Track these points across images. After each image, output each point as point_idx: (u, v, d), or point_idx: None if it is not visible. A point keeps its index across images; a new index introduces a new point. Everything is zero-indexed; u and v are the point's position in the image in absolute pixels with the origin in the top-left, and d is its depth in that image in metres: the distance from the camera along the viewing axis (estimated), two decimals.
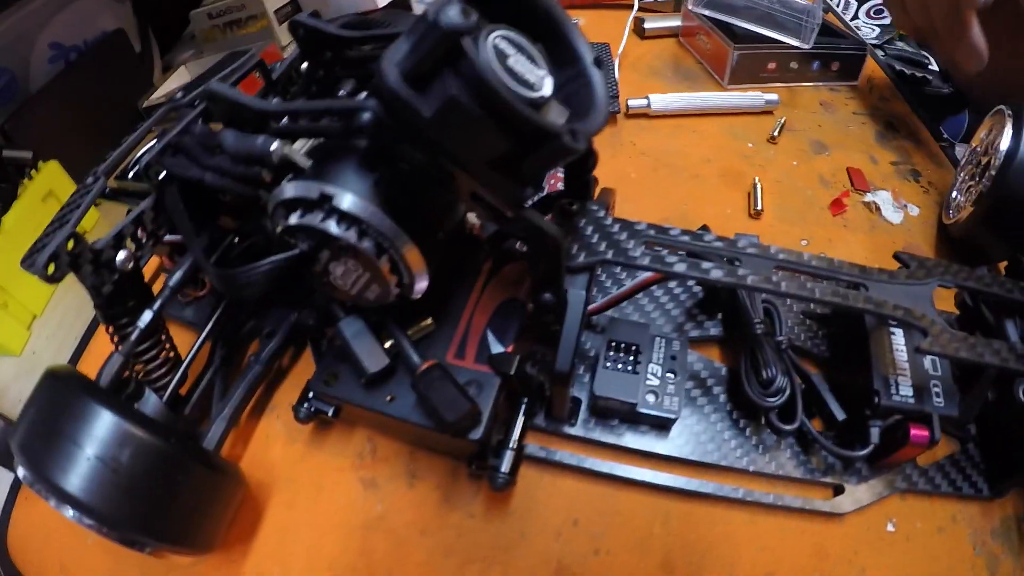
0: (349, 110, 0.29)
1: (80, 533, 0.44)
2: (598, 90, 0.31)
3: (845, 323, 0.44)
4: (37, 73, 0.67)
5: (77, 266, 0.35)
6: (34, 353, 0.59)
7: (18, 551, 0.45)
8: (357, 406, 0.38)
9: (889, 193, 0.59)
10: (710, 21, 0.68)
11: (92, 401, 0.34)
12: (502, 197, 0.30)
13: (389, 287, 0.33)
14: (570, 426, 0.41)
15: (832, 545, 0.40)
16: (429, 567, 0.40)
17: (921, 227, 0.57)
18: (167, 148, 0.37)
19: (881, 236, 0.56)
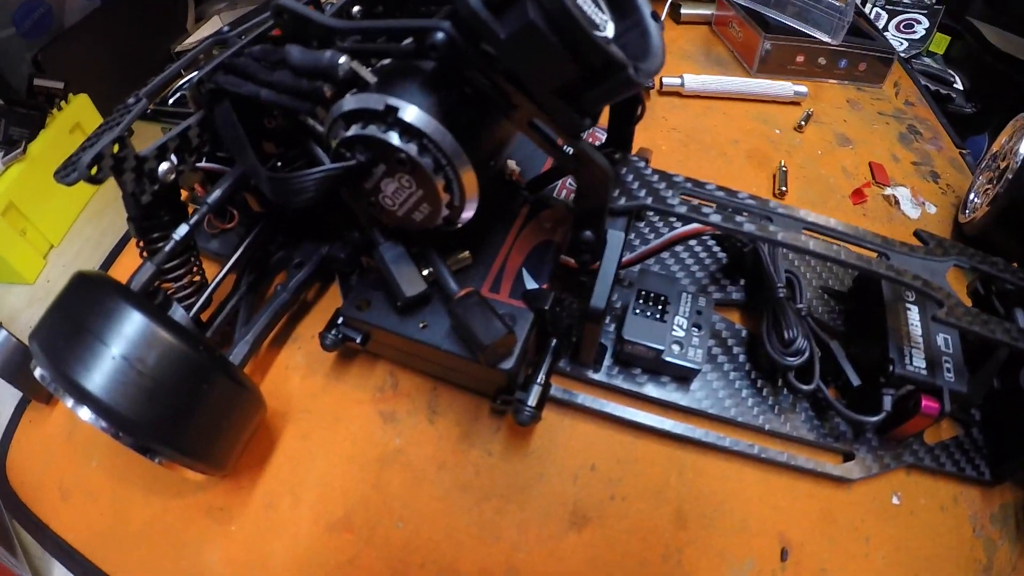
0: (423, 29, 0.31)
1: (83, 457, 0.46)
2: (655, 38, 0.34)
3: (863, 297, 0.46)
4: (72, 8, 0.69)
5: (120, 170, 0.36)
6: (48, 282, 0.61)
7: (16, 474, 0.47)
8: (389, 332, 0.39)
9: (908, 190, 0.62)
10: (744, 10, 0.72)
11: (123, 301, 0.34)
12: (562, 124, 0.32)
13: (440, 207, 0.35)
14: (594, 372, 0.44)
15: (840, 511, 0.42)
16: (445, 502, 0.41)
17: (937, 225, 0.60)
18: (219, 67, 0.39)
19: (898, 228, 0.59)
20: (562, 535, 0.40)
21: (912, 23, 0.88)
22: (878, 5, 0.86)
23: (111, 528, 0.43)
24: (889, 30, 0.88)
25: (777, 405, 0.44)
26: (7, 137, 0.60)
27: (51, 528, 0.43)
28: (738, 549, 0.40)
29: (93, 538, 0.43)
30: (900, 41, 0.89)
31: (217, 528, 0.42)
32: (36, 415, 0.49)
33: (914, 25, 0.88)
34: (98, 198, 0.67)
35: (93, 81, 0.67)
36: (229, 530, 0.42)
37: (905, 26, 0.89)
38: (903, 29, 0.89)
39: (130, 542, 0.42)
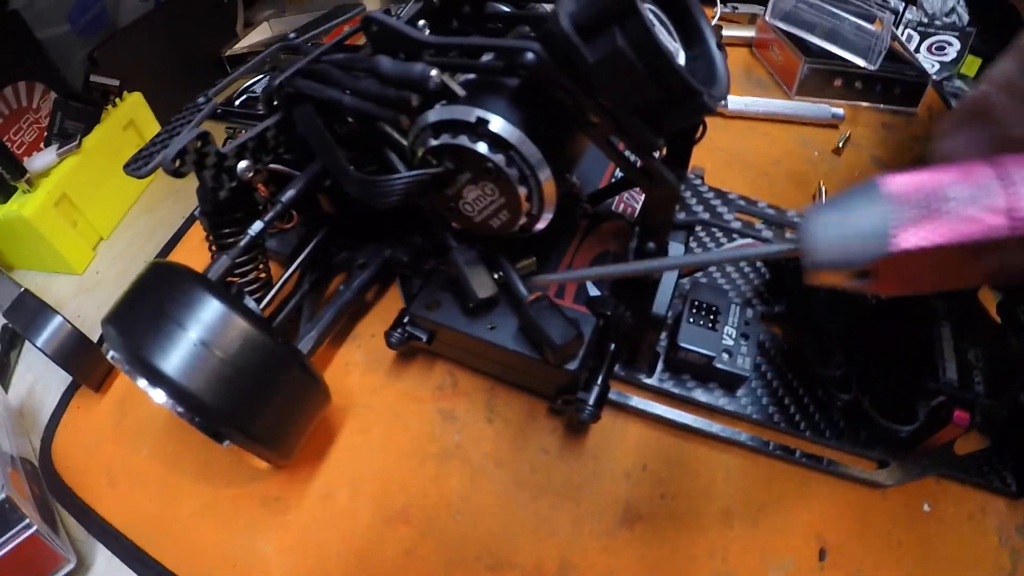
0: (515, 49, 0.34)
1: (132, 444, 0.49)
2: (720, 67, 0.38)
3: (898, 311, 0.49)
4: (127, 9, 0.72)
5: (202, 165, 0.39)
6: (97, 273, 0.63)
7: (62, 459, 0.49)
8: (457, 332, 0.43)
9: None
10: (784, 34, 0.75)
11: (203, 289, 0.37)
12: (637, 143, 0.35)
13: (519, 215, 0.38)
14: (647, 376, 0.47)
15: (874, 516, 0.45)
16: (502, 497, 0.44)
17: None
18: (299, 71, 0.42)
19: None
20: (614, 531, 0.43)
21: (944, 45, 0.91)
22: (910, 27, 0.90)
23: (160, 515, 0.45)
24: (921, 52, 0.92)
25: (817, 413, 0.47)
26: (62, 130, 0.64)
27: (97, 512, 0.46)
28: (779, 549, 0.43)
29: (140, 523, 0.45)
30: (932, 63, 0.92)
31: (272, 518, 0.45)
32: (84, 401, 0.52)
33: (946, 47, 0.91)
34: (148, 195, 0.70)
35: (146, 80, 0.70)
36: (285, 520, 0.44)
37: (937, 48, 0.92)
38: (935, 51, 0.92)
39: (179, 529, 0.45)
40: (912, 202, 0.19)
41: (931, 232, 0.18)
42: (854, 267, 0.20)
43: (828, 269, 0.20)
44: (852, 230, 0.20)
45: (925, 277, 0.20)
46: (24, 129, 0.65)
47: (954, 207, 0.18)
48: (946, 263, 0.19)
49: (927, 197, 0.19)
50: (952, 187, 0.19)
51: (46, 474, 0.48)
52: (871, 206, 0.19)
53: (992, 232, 0.18)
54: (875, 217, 0.19)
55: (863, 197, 0.20)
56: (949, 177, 0.19)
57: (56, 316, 0.49)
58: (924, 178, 0.19)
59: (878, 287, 0.20)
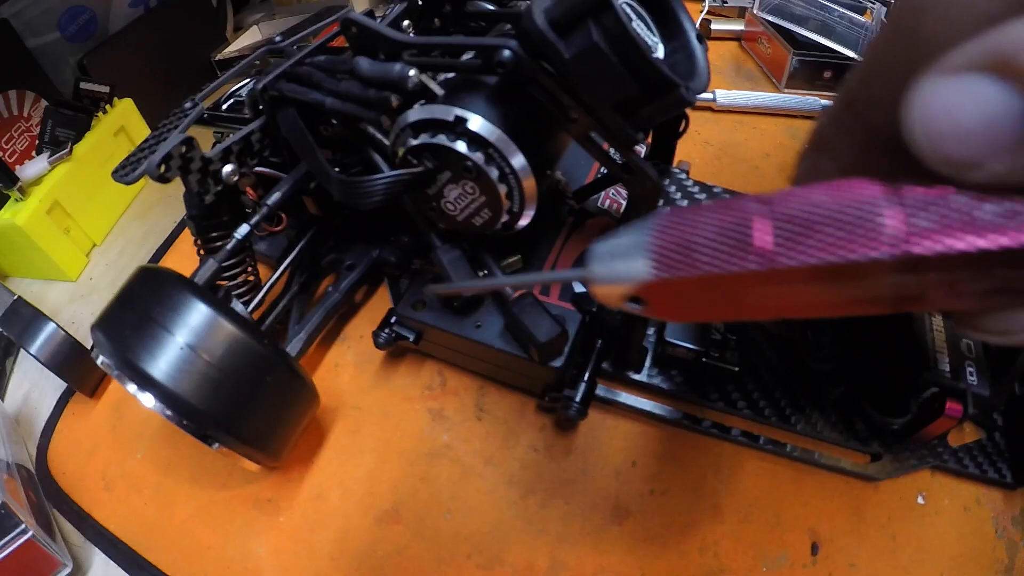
0: (492, 47, 0.34)
1: (127, 449, 0.49)
2: (700, 59, 0.38)
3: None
4: (117, 15, 0.72)
5: (187, 170, 0.40)
6: (91, 279, 0.64)
7: (58, 464, 0.50)
8: (444, 331, 0.43)
9: None
10: (772, 27, 0.75)
11: (189, 293, 0.37)
12: (618, 138, 0.35)
13: (500, 213, 0.38)
14: (635, 372, 0.47)
15: (867, 509, 0.45)
16: (492, 495, 0.44)
17: None
18: (283, 74, 0.43)
19: None
20: (604, 528, 0.43)
21: None
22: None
23: (155, 518, 0.46)
24: None
25: (809, 406, 0.47)
26: (53, 138, 0.64)
27: (93, 517, 0.46)
28: (771, 543, 0.43)
29: (137, 527, 0.45)
30: None
31: (265, 519, 0.45)
32: (79, 407, 0.53)
33: None
34: (140, 201, 0.70)
35: (136, 86, 0.70)
36: (277, 521, 0.45)
37: None
38: None
39: (175, 532, 0.45)
40: (673, 247, 0.19)
41: (687, 269, 0.18)
42: (622, 293, 0.20)
43: (605, 293, 0.21)
44: (619, 257, 0.20)
45: (690, 308, 0.20)
46: (15, 137, 0.65)
47: (704, 244, 0.18)
48: (704, 297, 0.19)
49: (686, 244, 0.18)
50: (710, 222, 0.18)
51: (42, 480, 0.49)
52: (639, 236, 0.19)
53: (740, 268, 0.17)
54: (638, 247, 0.19)
55: (635, 229, 0.20)
56: (711, 221, 0.18)
57: (49, 323, 0.50)
58: (681, 219, 0.19)
59: (652, 313, 0.20)
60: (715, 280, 0.18)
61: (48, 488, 0.48)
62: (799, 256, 0.16)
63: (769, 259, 0.17)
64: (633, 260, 0.19)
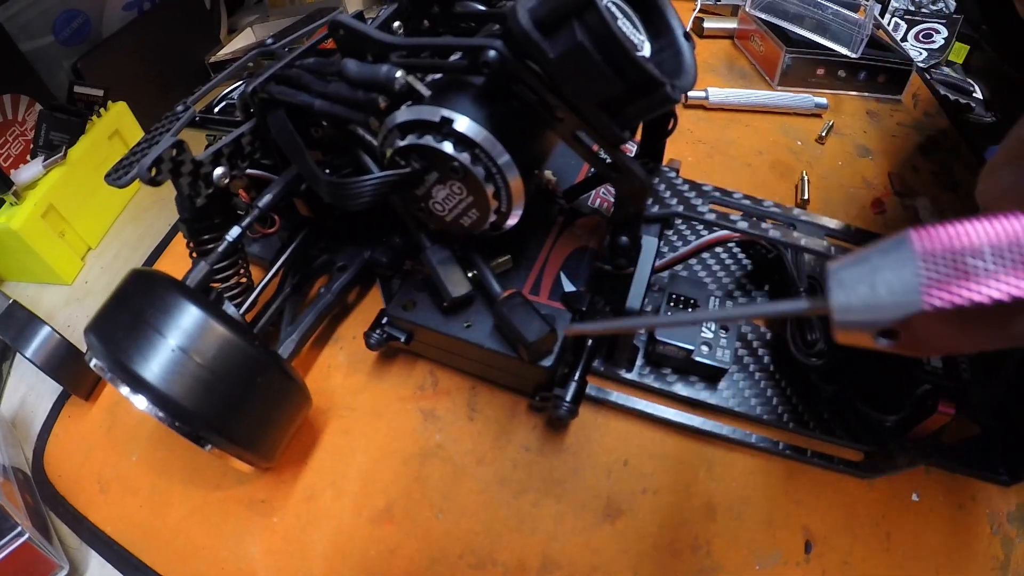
0: (477, 47, 0.34)
1: (122, 451, 0.49)
2: (687, 57, 0.38)
3: None
4: (111, 18, 0.73)
5: (178, 173, 0.40)
6: (86, 283, 0.64)
7: (54, 467, 0.50)
8: (434, 331, 0.43)
9: (928, 199, 0.65)
10: (765, 24, 0.76)
11: (180, 296, 0.37)
12: (604, 137, 0.35)
13: (488, 213, 0.39)
14: (626, 371, 0.47)
15: (861, 506, 0.46)
16: (484, 495, 0.45)
17: None
18: (272, 77, 0.43)
19: None
20: (596, 527, 0.43)
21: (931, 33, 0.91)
22: (897, 15, 0.90)
23: (150, 520, 0.46)
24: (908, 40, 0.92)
25: (801, 404, 0.47)
26: (48, 142, 0.64)
27: (89, 519, 0.46)
28: (764, 541, 0.43)
29: (132, 529, 0.46)
30: (919, 51, 0.92)
31: (258, 520, 0.45)
32: (75, 410, 0.53)
33: (933, 35, 0.91)
34: (134, 204, 0.70)
35: (130, 89, 0.71)
36: (271, 522, 0.45)
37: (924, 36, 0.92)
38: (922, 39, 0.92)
39: (169, 533, 0.45)
40: (943, 258, 0.17)
41: (961, 292, 0.17)
42: (879, 327, 0.18)
43: (853, 329, 0.19)
44: (880, 289, 0.18)
45: (954, 339, 0.19)
46: (10, 142, 0.66)
47: (986, 265, 0.17)
48: (977, 324, 0.18)
49: (958, 253, 0.17)
50: (986, 242, 0.17)
51: (39, 483, 0.49)
52: (900, 263, 0.18)
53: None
54: (904, 274, 0.18)
55: (892, 253, 0.18)
56: (983, 230, 0.17)
57: (44, 327, 0.50)
58: (956, 232, 0.18)
59: (903, 348, 0.19)
60: (999, 308, 0.17)
61: (44, 491, 0.48)
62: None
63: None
64: (901, 291, 0.18)
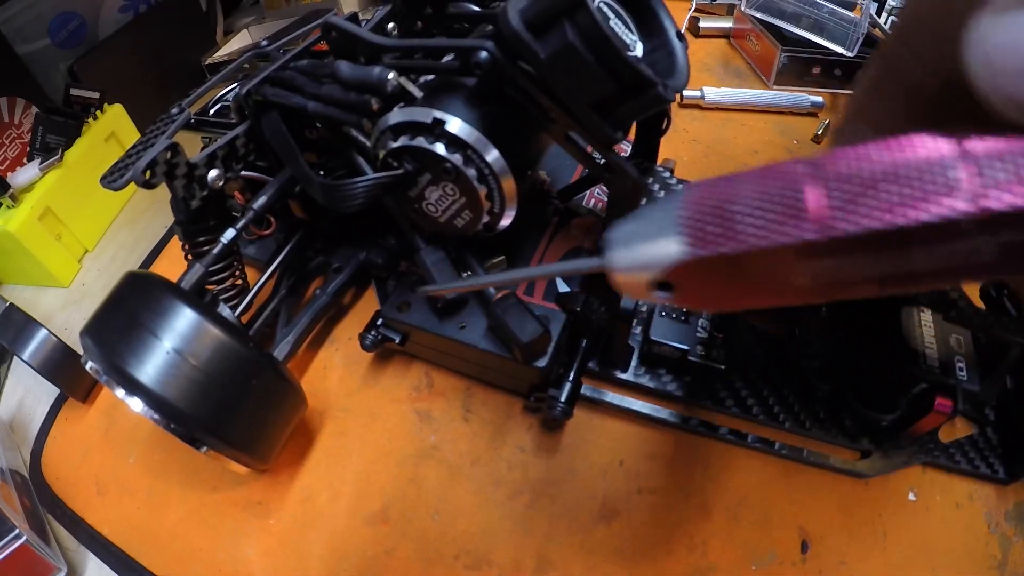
0: (468, 48, 0.35)
1: (119, 454, 0.50)
2: (680, 57, 0.38)
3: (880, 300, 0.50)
4: (107, 21, 0.74)
5: (172, 176, 0.41)
6: (83, 285, 0.65)
7: (52, 469, 0.51)
8: (429, 332, 0.44)
9: None
10: (760, 23, 0.76)
11: (175, 298, 0.38)
12: (596, 137, 0.36)
13: (481, 214, 0.39)
14: (622, 371, 0.47)
15: (857, 506, 0.46)
16: (480, 495, 0.45)
17: None
18: (266, 79, 0.43)
19: None
20: (592, 527, 0.44)
21: None
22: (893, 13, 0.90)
23: (147, 522, 0.47)
24: None
25: (797, 403, 0.47)
26: (44, 144, 0.65)
27: (86, 521, 0.47)
28: (760, 541, 0.44)
29: (129, 531, 0.46)
30: None
31: (255, 522, 0.46)
32: (72, 413, 0.54)
33: None
34: (131, 206, 0.71)
35: (127, 91, 0.71)
36: (267, 523, 0.45)
37: None
38: None
39: (167, 535, 0.46)
40: (702, 208, 0.17)
41: (727, 244, 0.17)
42: (649, 278, 0.19)
43: (630, 282, 0.19)
44: (645, 241, 0.18)
45: (735, 292, 0.19)
46: (7, 144, 0.66)
47: (752, 222, 0.16)
48: (743, 276, 0.17)
49: (724, 214, 0.17)
50: (754, 200, 0.17)
51: (36, 485, 0.49)
52: (666, 216, 0.18)
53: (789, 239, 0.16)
54: (668, 226, 0.18)
55: (661, 207, 0.19)
56: (752, 189, 0.17)
57: (41, 329, 0.51)
58: (719, 184, 0.18)
59: (683, 302, 0.19)
60: (761, 255, 0.16)
61: (42, 493, 0.49)
62: (862, 220, 0.15)
63: (827, 226, 0.15)
64: (663, 239, 0.18)
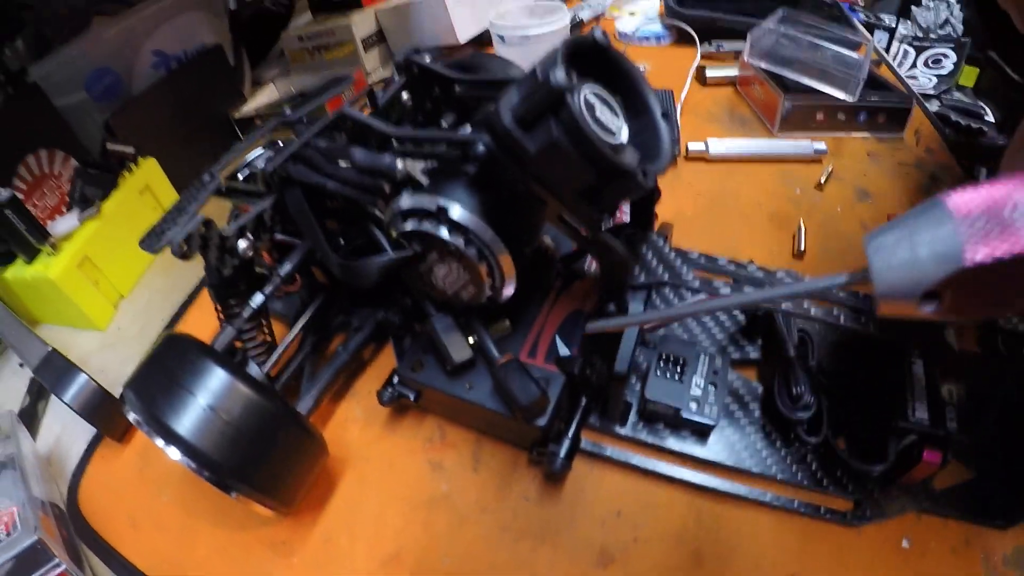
0: (466, 141, 0.39)
1: (153, 491, 0.55)
2: (664, 138, 0.41)
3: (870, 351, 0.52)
4: (140, 77, 0.79)
5: (206, 247, 0.45)
6: (119, 329, 0.70)
7: (88, 503, 0.55)
8: (439, 391, 0.47)
9: None
10: (764, 72, 0.79)
11: (209, 360, 0.43)
12: (584, 220, 0.39)
13: (483, 289, 0.43)
14: (620, 426, 0.51)
15: (850, 554, 0.48)
16: (487, 541, 0.49)
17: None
18: (290, 157, 0.47)
19: None
20: (589, 572, 0.47)
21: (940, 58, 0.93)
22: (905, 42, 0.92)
23: (178, 556, 0.51)
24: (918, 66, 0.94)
25: (790, 456, 0.50)
26: (82, 196, 0.70)
27: (121, 553, 0.51)
28: None
29: (161, 564, 0.51)
30: (929, 77, 0.94)
31: (279, 560, 0.50)
32: (108, 452, 0.58)
33: (942, 60, 0.93)
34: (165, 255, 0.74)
35: (159, 144, 0.76)
36: (291, 562, 0.49)
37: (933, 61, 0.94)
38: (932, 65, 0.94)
39: (196, 569, 0.50)
40: (982, 215, 0.18)
41: (1005, 242, 0.17)
42: (924, 288, 0.19)
43: (897, 295, 0.19)
44: (920, 250, 0.18)
45: (998, 297, 0.19)
46: (46, 194, 0.72)
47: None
48: (1019, 278, 0.18)
49: (996, 208, 0.18)
50: (1021, 196, 0.18)
51: (73, 518, 0.54)
52: (937, 222, 0.18)
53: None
54: (943, 233, 0.18)
55: (927, 214, 0.19)
56: (1015, 185, 0.18)
57: (81, 375, 0.55)
58: (991, 190, 0.18)
59: (947, 313, 0.19)
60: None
61: (78, 525, 0.53)
62: None
63: None
64: (941, 246, 0.18)
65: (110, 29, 0.76)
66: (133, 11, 0.77)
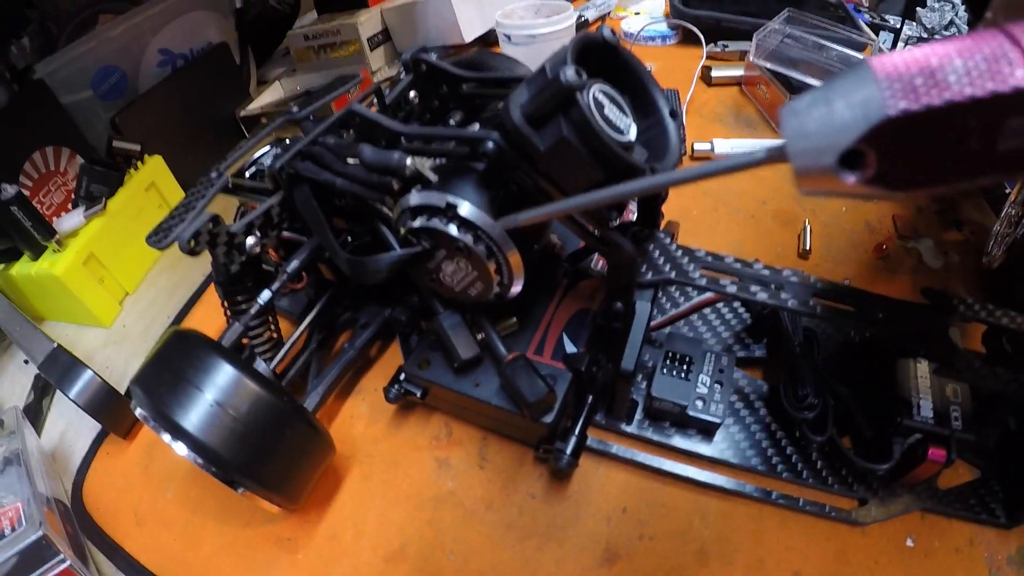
0: (476, 139, 0.39)
1: (158, 488, 0.55)
2: (672, 136, 0.42)
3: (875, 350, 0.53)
4: (146, 75, 0.80)
5: (214, 244, 0.46)
6: (124, 326, 0.71)
7: (92, 500, 0.56)
8: (446, 388, 0.48)
9: (932, 241, 0.68)
10: (769, 72, 0.80)
11: (217, 356, 0.43)
12: (592, 217, 0.40)
13: (492, 286, 0.44)
14: (626, 424, 0.52)
15: (854, 553, 0.49)
16: (492, 538, 0.49)
17: (962, 273, 0.66)
18: (298, 154, 0.48)
19: (921, 279, 0.65)
20: (595, 570, 0.48)
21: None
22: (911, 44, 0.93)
23: (183, 553, 0.52)
24: None
25: (795, 454, 0.51)
26: (88, 193, 0.71)
27: (125, 549, 0.52)
28: None
29: (165, 561, 0.51)
30: None
31: (284, 556, 0.51)
32: (113, 448, 0.59)
33: None
34: (170, 252, 0.76)
35: (165, 142, 0.77)
36: (295, 558, 0.50)
37: None
38: None
39: (201, 566, 0.51)
40: (909, 73, 0.17)
41: (934, 95, 0.16)
42: (843, 146, 0.17)
43: (813, 161, 0.18)
44: (837, 105, 0.17)
45: (933, 162, 0.17)
46: (52, 192, 0.73)
47: (961, 74, 0.16)
48: (953, 142, 0.17)
49: (927, 66, 0.16)
50: (957, 57, 0.16)
51: (77, 514, 0.55)
52: (859, 81, 0.17)
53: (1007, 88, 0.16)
54: (866, 90, 0.17)
55: (850, 76, 0.18)
56: (953, 48, 0.17)
57: (87, 371, 0.56)
58: (923, 50, 0.17)
59: (876, 182, 0.18)
60: (972, 109, 0.16)
61: (83, 521, 0.54)
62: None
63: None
64: (859, 97, 0.17)
65: (116, 27, 0.77)
66: (139, 10, 0.79)
